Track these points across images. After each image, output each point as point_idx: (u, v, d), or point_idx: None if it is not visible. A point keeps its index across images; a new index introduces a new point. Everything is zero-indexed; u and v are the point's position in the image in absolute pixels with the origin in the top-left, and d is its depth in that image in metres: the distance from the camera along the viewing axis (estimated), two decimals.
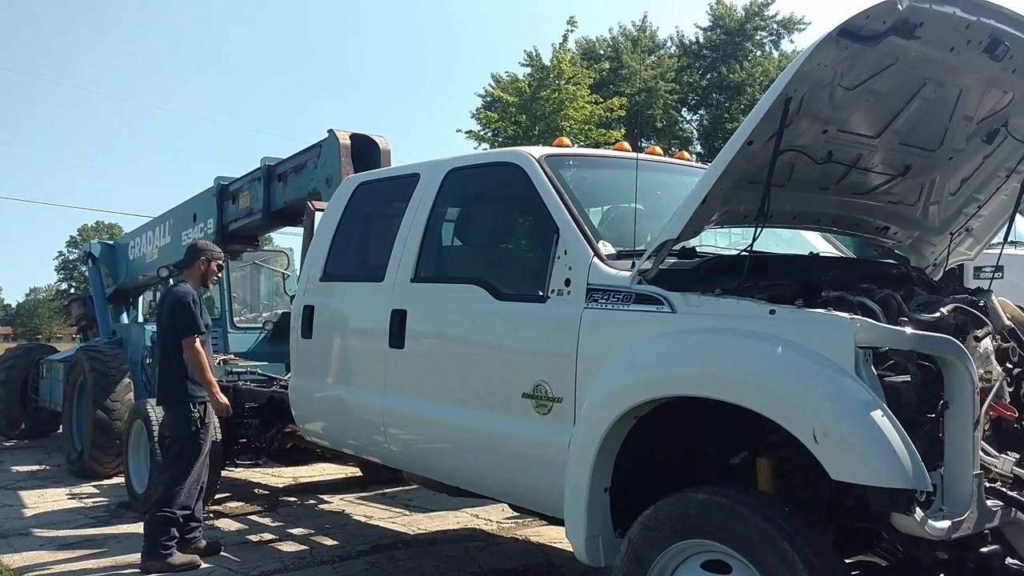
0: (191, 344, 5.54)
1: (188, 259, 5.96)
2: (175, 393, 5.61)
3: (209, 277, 5.91)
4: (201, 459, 5.63)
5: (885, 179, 3.91)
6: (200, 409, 5.58)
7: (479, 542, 6.12)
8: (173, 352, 5.61)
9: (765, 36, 36.68)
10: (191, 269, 5.89)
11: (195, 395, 5.59)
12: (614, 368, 3.31)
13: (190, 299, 5.61)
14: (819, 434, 2.63)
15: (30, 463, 9.62)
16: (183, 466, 5.54)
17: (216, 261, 5.90)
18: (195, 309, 5.58)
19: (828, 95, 3.23)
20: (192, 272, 5.87)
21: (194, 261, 5.87)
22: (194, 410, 5.55)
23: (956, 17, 3.09)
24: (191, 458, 5.55)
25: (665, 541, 3.02)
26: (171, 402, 5.66)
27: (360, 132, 6.87)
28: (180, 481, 5.50)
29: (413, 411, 4.44)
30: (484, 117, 25.00)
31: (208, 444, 5.70)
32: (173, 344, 5.60)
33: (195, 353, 5.54)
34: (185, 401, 5.56)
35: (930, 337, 2.77)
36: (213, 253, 5.93)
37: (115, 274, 10.80)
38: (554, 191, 3.86)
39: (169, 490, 5.49)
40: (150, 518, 5.48)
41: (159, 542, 5.40)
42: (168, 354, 5.65)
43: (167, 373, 5.67)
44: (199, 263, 5.84)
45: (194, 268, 5.86)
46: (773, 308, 2.97)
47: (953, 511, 2.63)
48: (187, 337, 5.54)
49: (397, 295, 4.52)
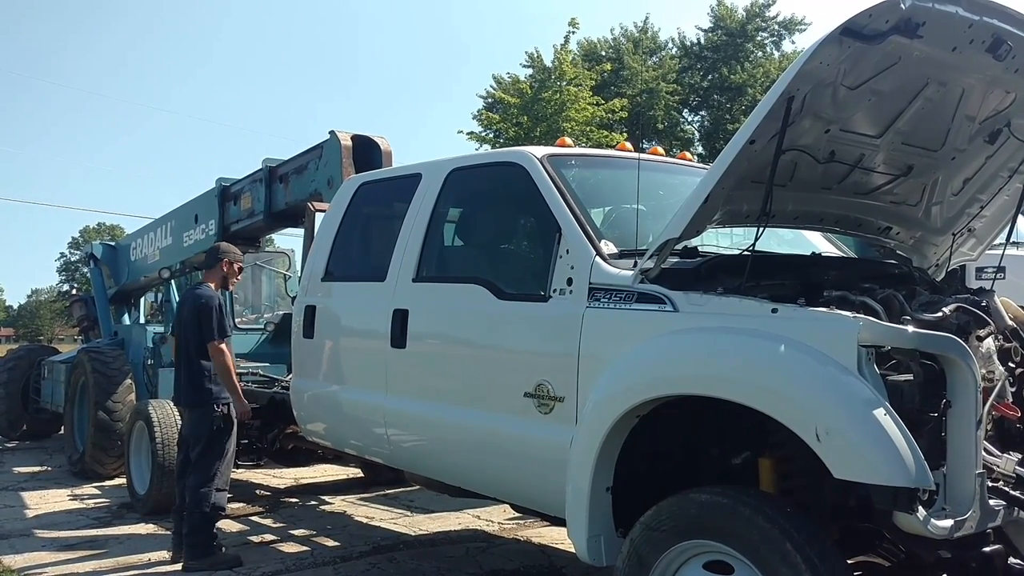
0: (218, 348, 5.56)
1: (210, 261, 5.99)
2: (198, 395, 5.63)
3: (231, 279, 5.95)
4: (226, 459, 5.65)
5: (887, 179, 3.90)
6: (223, 409, 5.61)
7: (480, 543, 6.12)
8: (195, 354, 5.63)
9: (766, 37, 36.70)
10: (213, 271, 5.91)
11: (219, 396, 5.62)
12: (616, 367, 3.30)
13: (216, 303, 5.63)
14: (822, 432, 2.63)
15: (31, 464, 9.62)
16: (208, 467, 5.57)
17: (238, 263, 5.95)
18: (220, 313, 5.61)
19: (831, 94, 3.23)
20: (214, 274, 5.90)
21: (217, 263, 5.90)
22: (217, 411, 5.58)
23: (959, 17, 3.09)
24: (214, 458, 5.58)
25: (667, 542, 3.01)
26: (193, 403, 5.68)
27: (361, 133, 6.87)
28: (207, 483, 5.53)
29: (415, 411, 4.43)
30: (485, 118, 25.00)
31: (232, 444, 5.71)
32: (196, 346, 5.62)
33: (222, 357, 5.57)
34: (208, 403, 5.59)
35: (933, 336, 2.77)
36: (235, 255, 5.96)
37: (117, 275, 10.81)
38: (556, 191, 3.86)
39: (196, 493, 5.51)
40: (187, 524, 5.51)
41: (200, 542, 5.46)
42: (190, 356, 5.66)
43: (189, 375, 5.67)
44: (221, 265, 5.87)
45: (216, 270, 5.89)
46: (776, 307, 2.96)
47: (956, 510, 2.63)
48: (214, 341, 5.57)
49: (399, 295, 4.52)
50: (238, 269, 5.95)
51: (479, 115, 26.58)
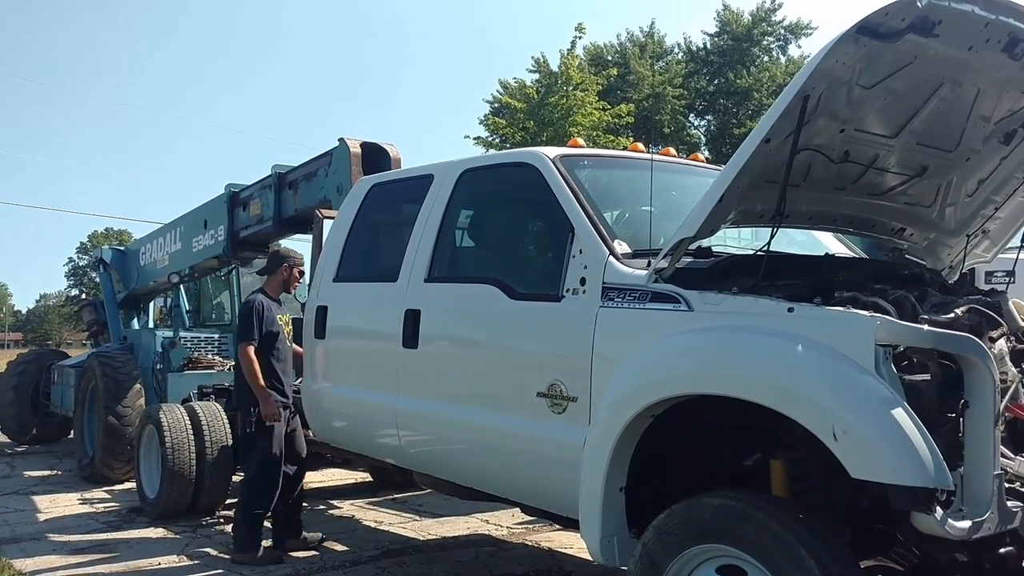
0: (243, 350, 5.69)
1: (271, 266, 6.08)
2: (239, 397, 5.85)
3: (291, 283, 6.02)
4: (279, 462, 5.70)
5: (902, 180, 3.89)
6: (257, 412, 5.65)
7: (489, 547, 6.10)
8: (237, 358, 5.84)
9: (772, 42, 36.63)
10: (274, 276, 6.00)
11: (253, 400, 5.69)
12: (630, 366, 3.29)
13: (252, 307, 5.77)
14: (839, 432, 2.61)
15: (42, 468, 9.62)
16: (252, 467, 5.77)
17: (298, 267, 6.02)
18: (254, 317, 5.71)
19: (846, 93, 3.21)
20: (275, 279, 5.99)
21: (277, 268, 5.98)
22: (252, 413, 5.65)
23: (975, 15, 3.08)
24: (253, 460, 5.72)
25: (680, 545, 3.00)
26: (236, 405, 5.94)
27: (370, 141, 6.88)
28: (252, 481, 5.73)
29: (426, 411, 4.43)
30: (492, 123, 25.00)
31: (276, 445, 5.69)
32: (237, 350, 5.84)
33: (246, 359, 5.67)
34: (246, 405, 5.70)
35: (951, 335, 2.75)
36: (296, 260, 6.04)
37: (126, 280, 10.83)
38: (569, 191, 3.85)
39: (246, 490, 5.77)
40: (237, 519, 5.79)
41: (245, 537, 5.66)
42: (237, 360, 5.86)
43: (234, 377, 5.93)
44: (282, 270, 5.95)
45: (277, 275, 5.98)
46: (791, 306, 2.95)
47: (974, 511, 2.60)
48: (240, 342, 5.74)
49: (411, 295, 4.52)
50: (299, 273, 6.03)
51: (486, 120, 26.56)
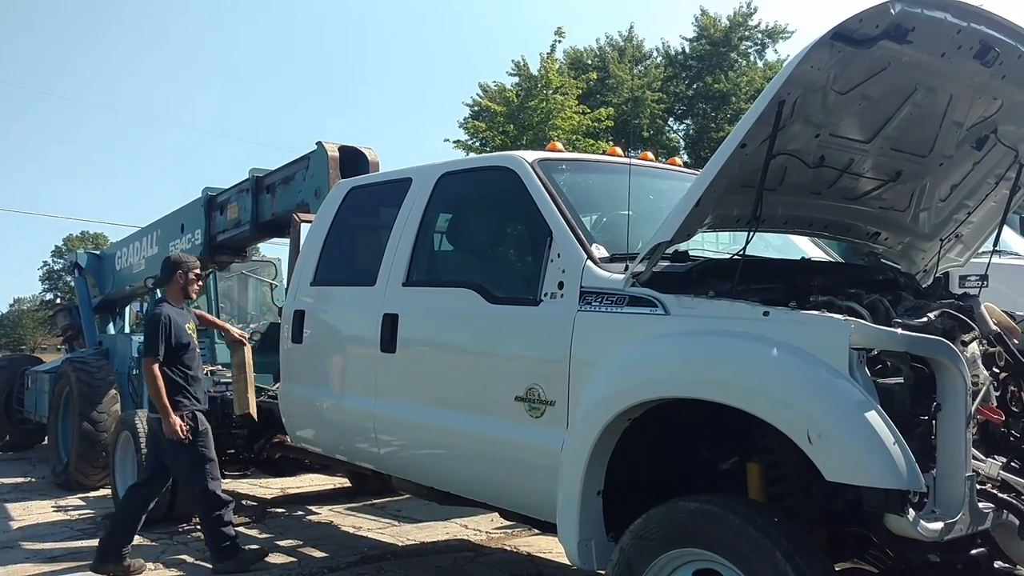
0: (147, 366, 5.58)
1: (165, 275, 5.98)
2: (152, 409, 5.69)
3: (189, 288, 5.90)
4: (212, 463, 5.66)
5: (876, 184, 3.93)
6: (189, 420, 5.57)
7: (468, 552, 6.09)
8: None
9: (750, 46, 36.93)
10: (170, 285, 5.90)
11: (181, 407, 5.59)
12: (607, 370, 3.30)
13: (156, 320, 5.63)
14: (813, 435, 2.63)
15: (14, 475, 9.51)
16: (189, 475, 5.68)
17: (193, 271, 5.90)
18: (160, 332, 5.56)
19: (821, 99, 3.24)
20: (172, 287, 5.90)
21: (171, 276, 5.88)
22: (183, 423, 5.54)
23: (947, 22, 3.12)
24: (199, 466, 5.61)
25: (657, 550, 3.01)
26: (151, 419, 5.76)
27: (349, 144, 6.86)
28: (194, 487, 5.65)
29: (404, 415, 4.41)
30: (471, 126, 25.01)
31: (211, 449, 5.68)
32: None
33: (149, 375, 5.55)
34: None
35: (924, 339, 2.77)
36: (188, 264, 5.93)
37: (101, 284, 10.71)
38: (547, 195, 3.86)
39: (201, 500, 5.64)
40: (205, 531, 5.66)
41: (220, 546, 5.55)
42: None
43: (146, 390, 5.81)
44: (177, 277, 5.86)
45: (172, 283, 5.88)
46: (767, 310, 2.97)
47: (946, 513, 2.63)
48: (144, 357, 5.63)
49: (389, 299, 4.50)
50: (195, 276, 5.92)
51: (465, 123, 26.55)
